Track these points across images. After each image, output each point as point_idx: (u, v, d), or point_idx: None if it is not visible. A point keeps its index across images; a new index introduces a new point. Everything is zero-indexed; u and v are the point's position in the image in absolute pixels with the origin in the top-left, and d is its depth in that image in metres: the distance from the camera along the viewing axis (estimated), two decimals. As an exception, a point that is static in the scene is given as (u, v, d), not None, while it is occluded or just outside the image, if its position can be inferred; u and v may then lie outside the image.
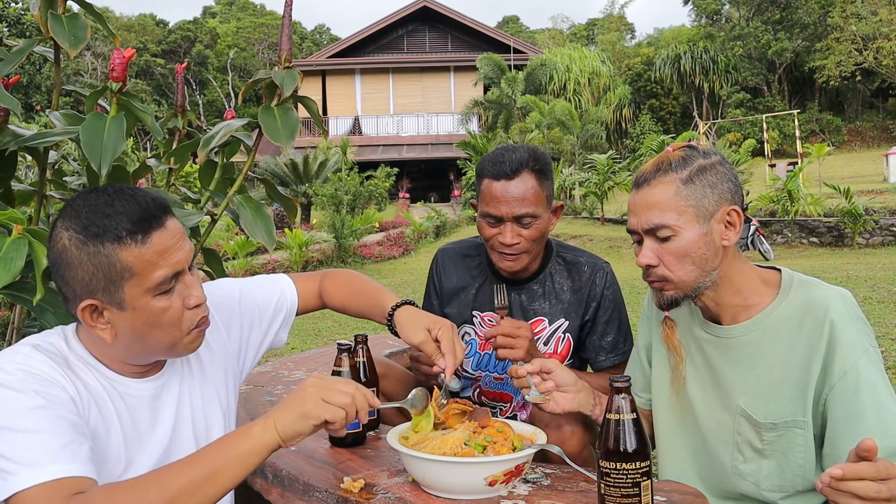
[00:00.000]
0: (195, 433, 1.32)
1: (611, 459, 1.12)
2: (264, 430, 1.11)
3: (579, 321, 1.89)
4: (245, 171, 1.84)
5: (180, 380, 1.32)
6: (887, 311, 6.08)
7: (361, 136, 30.74)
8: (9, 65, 1.54)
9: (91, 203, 1.14)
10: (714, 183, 1.35)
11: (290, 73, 1.66)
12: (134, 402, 1.23)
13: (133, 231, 1.12)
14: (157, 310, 1.16)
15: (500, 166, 1.75)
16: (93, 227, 1.12)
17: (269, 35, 45.18)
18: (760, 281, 1.42)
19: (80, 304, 1.14)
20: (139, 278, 1.13)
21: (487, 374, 1.95)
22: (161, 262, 1.14)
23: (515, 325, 1.67)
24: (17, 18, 21.31)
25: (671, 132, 25.88)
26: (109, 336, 1.16)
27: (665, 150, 1.42)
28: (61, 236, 1.14)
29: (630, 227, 1.42)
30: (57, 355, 1.17)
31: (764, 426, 1.37)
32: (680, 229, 1.34)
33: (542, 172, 1.77)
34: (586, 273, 1.90)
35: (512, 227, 1.76)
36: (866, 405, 1.26)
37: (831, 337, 1.30)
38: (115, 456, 1.19)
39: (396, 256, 15.73)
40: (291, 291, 1.59)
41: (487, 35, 33.44)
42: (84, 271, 1.12)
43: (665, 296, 1.40)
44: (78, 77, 36.05)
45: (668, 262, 1.36)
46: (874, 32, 28.07)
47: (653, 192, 1.36)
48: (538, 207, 1.76)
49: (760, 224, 12.75)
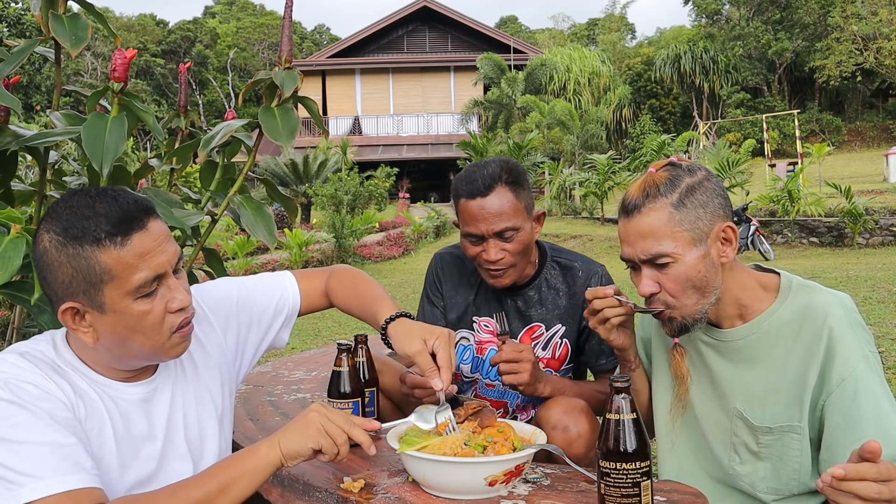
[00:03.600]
0: (187, 437, 1.31)
1: (611, 459, 1.12)
2: (270, 449, 1.16)
3: (576, 326, 1.89)
4: (245, 171, 1.85)
5: (173, 383, 1.31)
6: (887, 311, 6.08)
7: (361, 136, 30.73)
8: (10, 65, 1.54)
9: (72, 205, 1.13)
10: (705, 202, 1.33)
11: (291, 74, 1.67)
12: (126, 407, 1.22)
13: (112, 233, 1.11)
14: (138, 313, 1.14)
15: (473, 184, 1.73)
16: (72, 230, 1.10)
17: (269, 35, 45.16)
18: (759, 286, 1.41)
19: (62, 306, 1.13)
20: (119, 281, 1.12)
21: (480, 379, 1.96)
22: (141, 264, 1.13)
23: (517, 350, 1.67)
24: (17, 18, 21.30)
25: (671, 132, 25.82)
26: (91, 339, 1.15)
27: (648, 172, 1.38)
28: (42, 238, 1.13)
29: (625, 256, 1.39)
30: (44, 362, 1.16)
31: (760, 430, 1.37)
32: (679, 255, 1.32)
33: (516, 184, 1.75)
34: (581, 278, 1.89)
35: (494, 243, 1.74)
36: (865, 412, 1.25)
37: (829, 344, 1.29)
38: (108, 460, 1.18)
39: (396, 256, 15.73)
40: (294, 291, 1.57)
41: (487, 35, 33.44)
42: (64, 273, 1.11)
43: (674, 325, 1.38)
44: (78, 77, 36.05)
45: (671, 290, 1.34)
46: (874, 32, 28.05)
47: (644, 221, 1.33)
48: (517, 219, 1.74)
49: (760, 224, 12.75)
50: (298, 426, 1.18)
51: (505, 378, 1.66)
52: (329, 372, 1.55)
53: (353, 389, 1.52)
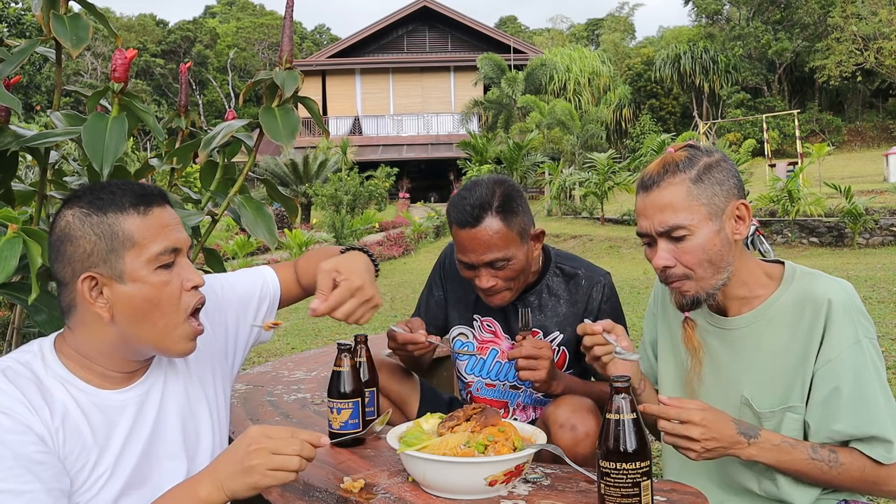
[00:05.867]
0: (184, 436, 1.29)
1: (611, 459, 1.12)
2: (211, 493, 1.12)
3: (575, 335, 1.88)
4: (246, 171, 1.85)
5: (164, 381, 1.29)
6: (887, 311, 6.09)
7: (361, 136, 30.73)
8: (10, 65, 1.54)
9: (94, 187, 1.20)
10: (721, 180, 1.37)
11: (291, 74, 1.67)
12: (114, 414, 1.20)
13: (136, 203, 1.17)
14: (158, 283, 1.16)
15: (462, 213, 1.69)
16: (97, 201, 1.17)
17: (270, 35, 45.16)
18: (764, 274, 1.44)
19: (80, 276, 1.14)
20: (139, 248, 1.15)
21: (479, 380, 1.95)
22: (161, 233, 1.18)
23: (537, 346, 1.66)
24: (18, 18, 21.31)
25: (671, 132, 25.84)
26: (107, 315, 1.15)
27: (667, 152, 1.42)
28: (65, 215, 1.17)
29: (642, 230, 1.41)
30: (29, 381, 1.13)
31: (764, 415, 1.40)
32: (695, 228, 1.35)
33: (508, 211, 1.70)
34: (584, 287, 1.88)
35: (486, 271, 1.73)
36: (843, 392, 1.32)
37: (826, 325, 1.34)
38: (96, 473, 1.16)
39: (396, 256, 15.72)
40: (273, 280, 1.57)
41: (487, 35, 33.44)
42: (87, 242, 1.14)
43: (686, 297, 1.40)
44: (78, 77, 36.06)
45: (687, 262, 1.37)
46: (874, 32, 28.05)
47: (663, 194, 1.36)
48: (508, 249, 1.70)
49: (760, 224, 12.75)
50: (243, 470, 1.11)
51: (522, 374, 1.66)
52: (329, 372, 1.55)
53: (353, 389, 1.52)
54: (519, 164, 21.22)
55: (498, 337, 1.92)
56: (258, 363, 4.82)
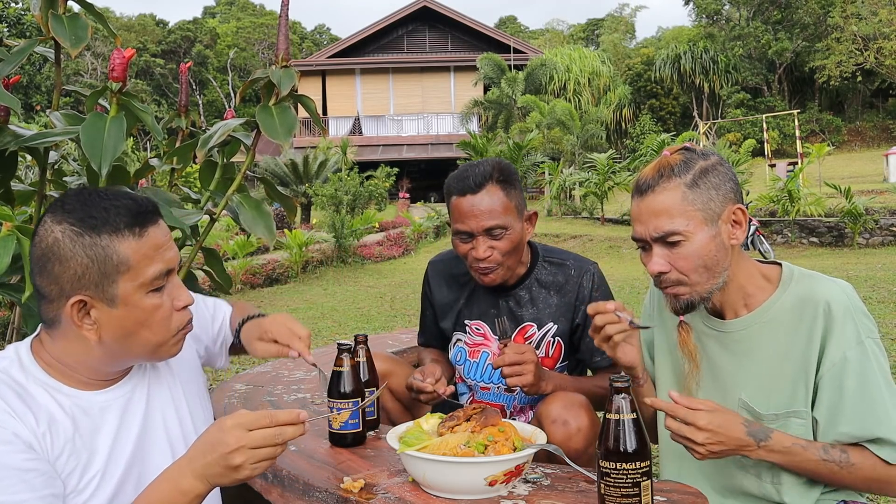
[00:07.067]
0: (168, 436, 1.29)
1: (611, 459, 1.12)
2: (196, 486, 1.11)
3: (569, 325, 1.89)
4: (244, 170, 1.85)
5: (149, 382, 1.29)
6: (887, 311, 6.08)
7: (361, 136, 30.71)
8: (10, 65, 1.54)
9: (84, 198, 1.13)
10: (717, 184, 1.35)
11: (288, 72, 1.67)
12: (98, 416, 1.19)
13: (131, 224, 1.12)
14: (150, 307, 1.14)
15: (464, 182, 1.76)
16: (90, 220, 1.10)
17: (269, 35, 45.17)
18: (762, 277, 1.44)
19: (69, 300, 1.10)
20: (134, 272, 1.12)
21: (476, 382, 1.96)
22: (156, 256, 1.14)
23: (519, 352, 1.67)
24: (17, 18, 21.29)
25: (671, 132, 25.82)
26: (94, 336, 1.13)
27: (662, 155, 1.41)
28: (53, 230, 1.11)
29: (637, 235, 1.40)
30: (9, 388, 1.11)
31: (766, 417, 1.39)
32: (690, 234, 1.34)
33: (507, 183, 1.77)
34: (573, 276, 1.89)
35: (484, 240, 1.76)
36: (847, 396, 1.31)
37: (827, 327, 1.33)
38: (88, 474, 1.15)
39: (396, 256, 15.72)
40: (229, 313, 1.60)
41: (487, 35, 33.43)
42: (77, 264, 1.09)
43: (681, 301, 1.39)
44: (78, 77, 36.05)
45: (682, 267, 1.36)
46: (874, 32, 28.06)
47: (658, 199, 1.35)
48: (507, 218, 1.75)
49: (760, 224, 12.74)
50: (227, 470, 1.09)
51: (509, 381, 1.67)
52: (329, 372, 1.55)
53: (353, 389, 1.52)
54: (519, 164, 21.20)
55: (488, 339, 1.93)
56: (258, 363, 4.82)
